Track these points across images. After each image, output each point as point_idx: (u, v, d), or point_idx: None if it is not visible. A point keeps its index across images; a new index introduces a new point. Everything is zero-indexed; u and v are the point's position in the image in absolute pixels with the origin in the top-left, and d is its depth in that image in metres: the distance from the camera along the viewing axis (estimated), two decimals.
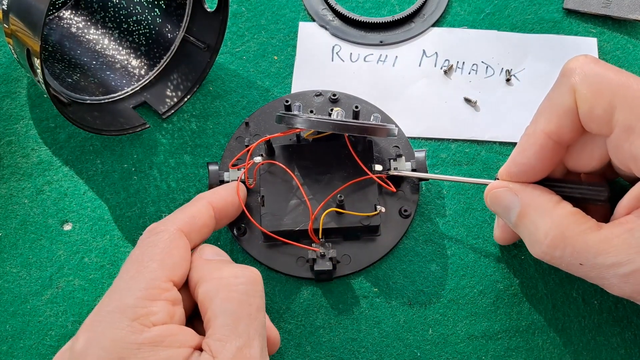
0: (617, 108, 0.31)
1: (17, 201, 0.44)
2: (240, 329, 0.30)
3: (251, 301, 0.32)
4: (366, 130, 0.39)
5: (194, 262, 0.34)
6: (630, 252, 0.31)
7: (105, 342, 0.30)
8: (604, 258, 0.32)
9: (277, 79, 0.48)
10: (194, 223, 0.35)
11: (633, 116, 0.31)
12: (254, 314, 0.31)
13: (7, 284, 0.41)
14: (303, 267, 0.40)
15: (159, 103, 0.47)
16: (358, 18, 0.49)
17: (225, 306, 0.31)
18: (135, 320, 0.30)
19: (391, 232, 0.41)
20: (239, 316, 0.31)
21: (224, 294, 0.31)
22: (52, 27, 0.50)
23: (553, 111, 0.34)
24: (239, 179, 0.40)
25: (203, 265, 0.34)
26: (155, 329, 0.30)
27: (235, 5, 0.51)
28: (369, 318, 0.40)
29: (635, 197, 0.32)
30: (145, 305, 0.31)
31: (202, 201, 0.37)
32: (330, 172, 0.42)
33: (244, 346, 0.30)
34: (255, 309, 0.32)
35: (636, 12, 0.49)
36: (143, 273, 0.32)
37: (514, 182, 0.36)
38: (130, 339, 0.30)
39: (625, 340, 0.39)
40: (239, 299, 0.31)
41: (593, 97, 0.32)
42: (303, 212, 0.40)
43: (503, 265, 0.41)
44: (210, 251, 0.35)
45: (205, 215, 0.36)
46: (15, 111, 0.47)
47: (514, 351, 0.39)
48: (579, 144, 0.35)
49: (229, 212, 0.38)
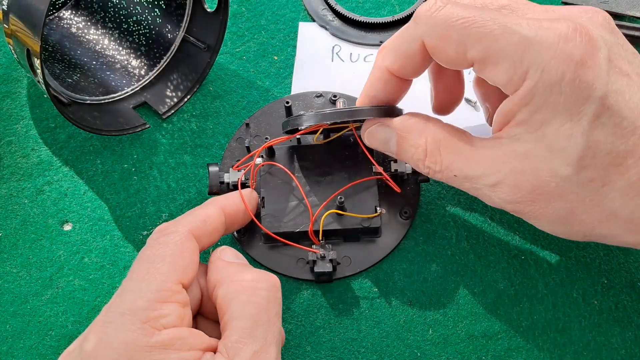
0: (467, 46, 0.32)
1: (17, 201, 0.44)
2: (258, 334, 0.31)
3: (270, 306, 0.32)
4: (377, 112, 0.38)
5: (214, 262, 0.35)
6: (497, 163, 0.33)
7: (116, 344, 0.30)
8: (473, 168, 0.33)
9: (277, 79, 0.48)
10: (205, 227, 0.35)
11: (483, 49, 0.31)
12: (272, 319, 0.32)
13: (7, 284, 0.41)
14: (303, 268, 0.40)
15: (159, 103, 0.47)
16: (358, 18, 0.49)
17: (244, 310, 0.31)
18: (147, 323, 0.30)
19: (392, 234, 0.41)
20: (258, 321, 0.31)
21: (244, 297, 0.32)
22: (52, 27, 0.50)
23: (399, 53, 0.35)
24: (239, 179, 0.40)
25: (224, 267, 0.34)
26: (165, 332, 0.30)
27: (235, 5, 0.51)
28: (369, 318, 0.40)
29: (501, 113, 0.33)
30: (156, 307, 0.31)
31: (214, 205, 0.37)
32: (331, 174, 0.42)
33: (260, 351, 0.31)
34: (274, 314, 0.32)
35: (634, 8, 0.49)
36: (154, 275, 0.32)
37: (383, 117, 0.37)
38: (141, 342, 0.30)
39: (625, 340, 0.39)
40: (259, 304, 0.32)
41: (442, 43, 0.33)
42: (303, 213, 0.40)
43: (503, 265, 0.41)
44: (231, 253, 0.36)
45: (217, 220, 0.36)
46: (15, 111, 0.47)
47: (514, 351, 0.39)
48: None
49: (239, 218, 0.38)
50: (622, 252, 0.41)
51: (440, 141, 0.35)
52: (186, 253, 0.33)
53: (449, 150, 0.34)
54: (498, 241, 0.42)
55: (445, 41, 0.32)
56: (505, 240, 0.42)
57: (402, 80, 0.37)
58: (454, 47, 0.32)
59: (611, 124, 0.31)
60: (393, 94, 0.37)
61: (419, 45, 0.34)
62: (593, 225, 0.33)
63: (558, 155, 0.31)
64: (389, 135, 0.36)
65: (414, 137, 0.35)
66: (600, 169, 0.31)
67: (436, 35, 0.33)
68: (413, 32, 0.34)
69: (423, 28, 0.33)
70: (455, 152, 0.34)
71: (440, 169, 0.35)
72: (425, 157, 0.35)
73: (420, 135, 0.35)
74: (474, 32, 0.31)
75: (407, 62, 0.35)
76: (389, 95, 0.37)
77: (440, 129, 0.35)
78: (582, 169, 0.31)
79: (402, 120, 0.36)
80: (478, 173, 0.33)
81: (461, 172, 0.34)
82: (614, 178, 0.31)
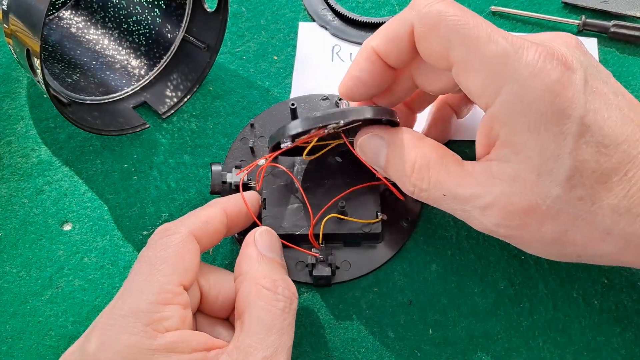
0: (452, 44, 0.32)
1: (17, 201, 0.44)
2: (270, 341, 0.32)
3: (285, 317, 0.33)
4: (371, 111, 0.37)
5: (248, 248, 0.35)
6: (488, 184, 0.32)
7: (119, 346, 0.30)
8: (463, 189, 0.33)
9: (277, 79, 0.48)
10: (207, 228, 0.35)
11: (467, 53, 0.32)
12: (286, 328, 0.32)
13: (7, 284, 0.41)
14: (302, 271, 0.40)
15: (158, 103, 0.47)
16: (358, 18, 0.49)
17: (260, 315, 0.32)
18: (149, 326, 0.30)
19: (392, 240, 0.41)
20: (271, 329, 0.32)
21: (262, 303, 0.33)
22: (52, 27, 0.50)
23: (388, 35, 0.35)
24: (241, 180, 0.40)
25: (255, 261, 0.35)
26: (168, 335, 0.31)
27: (235, 5, 0.51)
28: (369, 318, 0.40)
29: (483, 134, 0.33)
30: (158, 310, 0.31)
31: (216, 207, 0.37)
32: (333, 178, 0.41)
33: (270, 357, 0.31)
34: (288, 324, 0.33)
35: (635, 8, 0.49)
36: (156, 276, 0.32)
37: (379, 127, 0.37)
38: (144, 345, 0.30)
39: (625, 340, 0.39)
40: (276, 314, 0.32)
41: (430, 33, 0.33)
42: (304, 216, 0.40)
43: (503, 265, 0.41)
44: (266, 243, 0.36)
45: (218, 222, 0.36)
46: (15, 111, 0.47)
47: (514, 351, 0.39)
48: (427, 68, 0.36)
49: (241, 220, 0.38)
50: None
51: (430, 159, 0.34)
52: (187, 255, 0.33)
53: (439, 168, 0.34)
54: (498, 241, 0.41)
55: (433, 32, 0.33)
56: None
57: (387, 68, 0.36)
58: (439, 41, 0.32)
59: (594, 142, 0.31)
60: (376, 79, 0.37)
61: (408, 29, 0.34)
62: (587, 244, 0.32)
63: (546, 177, 0.31)
64: (379, 147, 0.36)
65: (405, 150, 0.35)
66: (589, 187, 0.31)
67: (426, 23, 0.33)
68: (406, 15, 0.34)
69: (416, 14, 0.33)
70: (446, 171, 0.34)
71: (427, 187, 0.34)
72: (412, 173, 0.35)
73: (411, 151, 0.35)
74: (462, 33, 0.32)
75: (393, 45, 0.35)
76: (372, 79, 0.37)
77: (432, 148, 0.35)
78: (571, 188, 0.31)
79: (395, 132, 0.36)
80: (468, 194, 0.33)
81: (450, 192, 0.33)
82: (602, 196, 0.31)
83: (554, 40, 0.33)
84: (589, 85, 0.31)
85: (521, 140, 0.31)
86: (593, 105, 0.31)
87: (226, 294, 0.36)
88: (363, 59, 0.36)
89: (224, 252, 0.42)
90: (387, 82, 0.38)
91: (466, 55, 0.32)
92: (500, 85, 0.31)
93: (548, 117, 0.30)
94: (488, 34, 0.32)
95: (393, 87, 0.39)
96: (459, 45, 0.32)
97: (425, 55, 0.34)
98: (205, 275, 0.36)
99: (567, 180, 0.31)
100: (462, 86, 0.33)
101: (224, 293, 0.36)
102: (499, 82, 0.31)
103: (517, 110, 0.31)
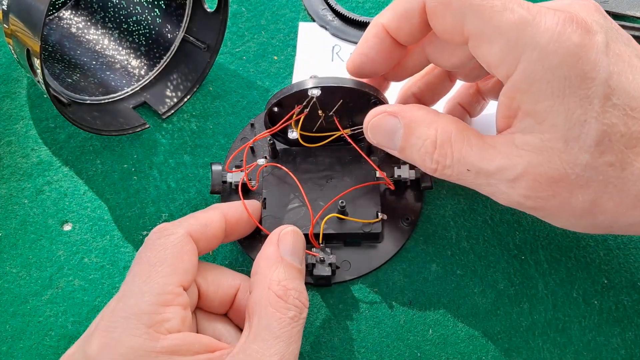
0: (466, 17, 0.31)
1: (17, 201, 0.44)
2: (277, 348, 0.31)
3: (294, 325, 0.33)
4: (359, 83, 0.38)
5: (270, 247, 0.35)
6: (513, 155, 0.31)
7: (122, 349, 0.30)
8: (489, 162, 0.32)
9: (277, 79, 0.48)
10: (205, 231, 0.35)
11: (482, 23, 0.31)
12: (294, 337, 0.32)
13: (7, 284, 0.41)
14: None
15: (158, 103, 0.47)
16: (358, 18, 0.49)
17: (270, 323, 0.32)
18: (151, 327, 0.30)
19: (392, 240, 0.41)
20: (279, 336, 0.32)
21: (273, 310, 0.32)
22: (52, 27, 0.50)
23: (398, 11, 0.34)
24: (242, 179, 0.40)
25: (272, 263, 0.34)
26: (171, 337, 0.31)
27: (235, 5, 0.51)
28: (369, 318, 0.40)
29: (502, 105, 0.32)
30: (159, 311, 0.31)
31: (216, 211, 0.37)
32: (333, 177, 0.41)
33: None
34: (296, 332, 0.33)
35: (635, 8, 0.49)
36: (155, 277, 0.32)
37: (391, 105, 0.36)
38: (147, 347, 0.30)
39: (625, 340, 0.39)
40: (285, 322, 0.32)
41: (443, 8, 0.32)
42: (304, 216, 0.40)
43: (503, 266, 0.41)
44: (289, 246, 0.35)
45: (217, 226, 0.36)
46: (15, 111, 0.47)
47: (514, 351, 0.39)
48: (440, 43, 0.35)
49: (240, 228, 0.38)
50: (622, 252, 0.41)
51: (451, 133, 0.33)
52: (186, 255, 0.33)
53: (461, 142, 0.33)
54: (498, 241, 0.42)
55: (446, 6, 0.32)
56: (505, 240, 0.42)
57: (396, 45, 0.36)
58: (453, 15, 0.32)
59: (621, 105, 0.30)
60: (385, 56, 0.36)
61: (419, 5, 0.33)
62: (618, 213, 0.31)
63: (574, 144, 0.30)
64: (394, 126, 0.35)
65: (423, 128, 0.34)
66: (618, 152, 0.30)
67: None
68: None
69: None
70: (468, 145, 0.32)
71: (451, 163, 0.33)
72: (435, 149, 0.33)
73: (430, 127, 0.34)
74: (476, 4, 0.31)
75: (404, 21, 0.34)
76: (380, 56, 0.36)
77: (451, 122, 0.34)
78: (601, 154, 0.30)
79: (410, 109, 0.35)
80: (494, 167, 0.32)
81: (475, 166, 0.32)
82: (633, 160, 0.30)
83: (571, 6, 0.32)
84: (610, 48, 0.30)
85: (545, 108, 0.30)
86: (617, 67, 0.30)
87: (224, 291, 0.36)
88: (372, 35, 0.36)
89: (224, 252, 0.42)
90: (396, 59, 0.37)
91: (482, 26, 0.31)
92: (520, 53, 0.30)
93: (572, 81, 0.29)
94: (503, 3, 0.31)
95: (403, 62, 0.38)
96: (474, 17, 0.31)
97: (440, 32, 0.33)
98: (203, 274, 0.35)
99: (596, 146, 0.30)
100: (479, 59, 0.32)
101: (222, 290, 0.36)
102: (518, 50, 0.30)
103: (539, 77, 0.30)
